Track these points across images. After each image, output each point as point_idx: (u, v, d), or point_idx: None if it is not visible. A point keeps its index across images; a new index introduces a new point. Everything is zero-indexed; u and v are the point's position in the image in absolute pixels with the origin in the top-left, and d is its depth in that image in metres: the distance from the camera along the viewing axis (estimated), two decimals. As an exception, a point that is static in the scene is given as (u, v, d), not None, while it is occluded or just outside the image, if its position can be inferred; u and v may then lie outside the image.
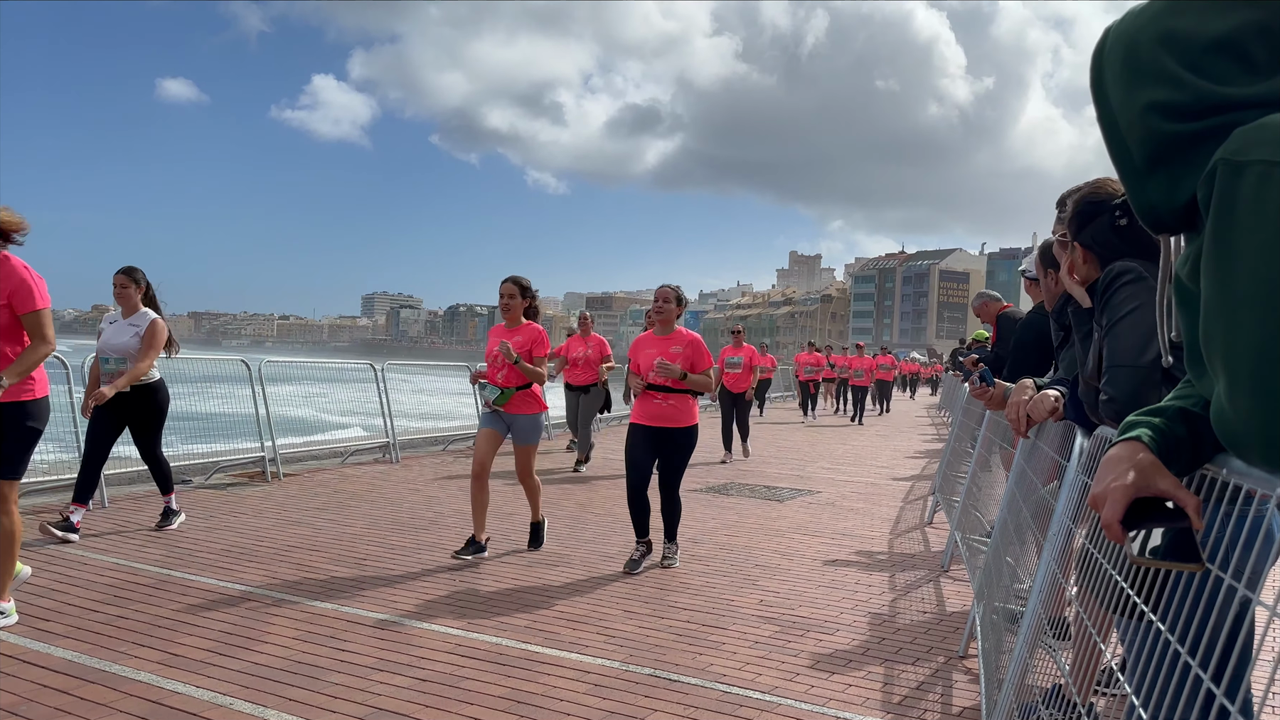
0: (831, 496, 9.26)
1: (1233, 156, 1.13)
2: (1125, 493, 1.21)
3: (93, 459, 6.26)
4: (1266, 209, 1.08)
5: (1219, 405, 1.21)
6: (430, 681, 3.70)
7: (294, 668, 3.80)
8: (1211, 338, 1.18)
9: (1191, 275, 1.25)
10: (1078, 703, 2.12)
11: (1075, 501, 2.48)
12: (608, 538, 6.70)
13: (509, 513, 7.51)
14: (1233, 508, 1.27)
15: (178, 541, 6.04)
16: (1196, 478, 1.32)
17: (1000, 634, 3.39)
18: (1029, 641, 2.63)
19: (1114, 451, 1.28)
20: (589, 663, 3.99)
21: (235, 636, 4.16)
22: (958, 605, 5.22)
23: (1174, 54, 1.24)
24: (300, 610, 4.61)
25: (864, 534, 7.28)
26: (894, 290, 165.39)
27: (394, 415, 11.18)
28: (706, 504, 8.44)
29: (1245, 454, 1.19)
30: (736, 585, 5.44)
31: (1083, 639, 2.45)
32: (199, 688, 3.54)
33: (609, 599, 5.03)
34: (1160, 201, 1.29)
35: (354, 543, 6.21)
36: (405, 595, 4.95)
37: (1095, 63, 1.36)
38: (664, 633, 4.46)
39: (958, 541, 6.07)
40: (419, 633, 4.32)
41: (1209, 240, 1.16)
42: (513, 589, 5.17)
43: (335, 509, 7.44)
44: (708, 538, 6.83)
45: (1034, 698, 2.61)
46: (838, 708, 3.59)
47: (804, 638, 4.47)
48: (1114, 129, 1.32)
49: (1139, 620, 1.57)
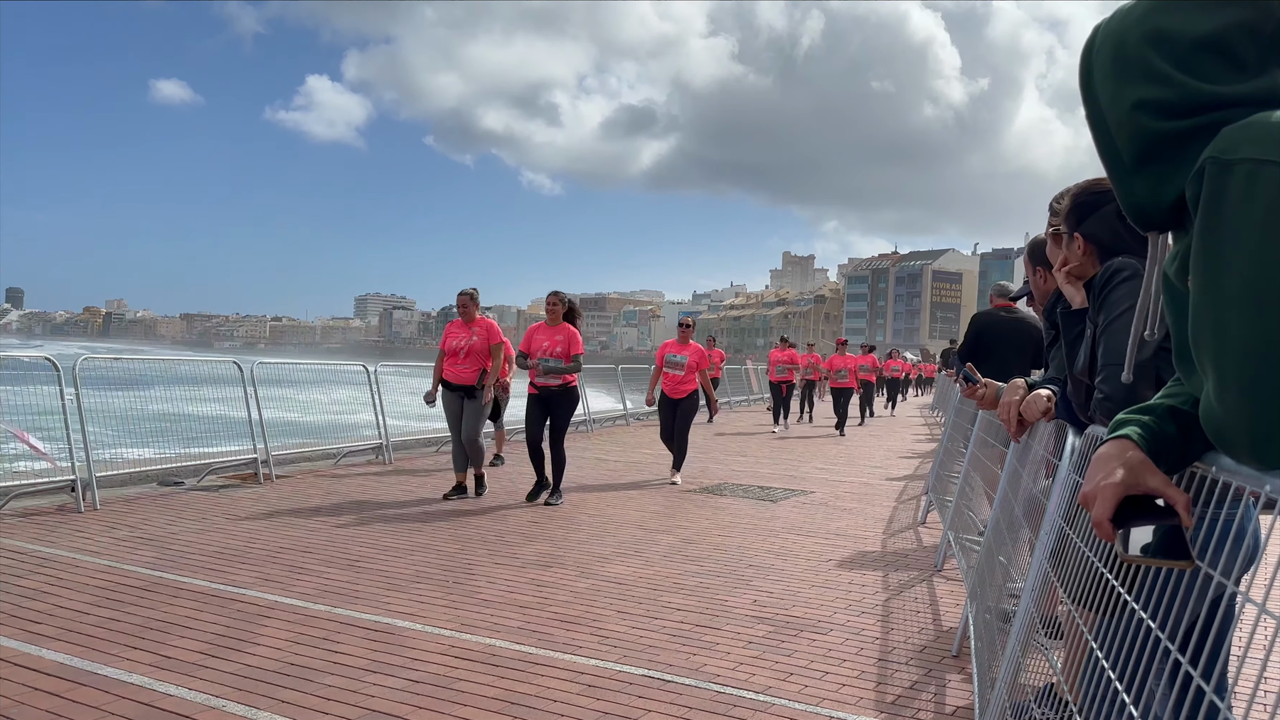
0: (825, 496, 9.27)
1: (1221, 155, 1.13)
2: (1115, 491, 1.22)
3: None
4: (1255, 207, 1.08)
5: (1207, 403, 1.21)
6: (423, 683, 3.69)
7: (287, 670, 3.79)
8: (1200, 336, 1.19)
9: (1180, 273, 1.26)
10: (1069, 701, 2.12)
11: (1067, 500, 2.48)
12: (600, 538, 6.70)
13: (503, 514, 7.51)
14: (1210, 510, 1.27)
15: (170, 544, 6.02)
16: (1186, 476, 1.32)
17: (993, 633, 3.40)
18: (1021, 640, 2.63)
19: (1104, 450, 1.29)
20: (582, 663, 3.99)
21: (228, 639, 4.15)
22: (951, 605, 5.23)
23: (1162, 52, 1.25)
24: (293, 612, 4.60)
25: (857, 534, 7.28)
26: (887, 291, 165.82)
27: (387, 416, 11.18)
28: (700, 504, 8.44)
29: (1234, 452, 1.19)
30: (730, 585, 5.44)
31: (1073, 637, 2.46)
32: (191, 690, 3.53)
33: (602, 600, 5.03)
34: (1148, 199, 1.30)
35: (347, 544, 6.20)
36: (398, 597, 4.94)
37: (1084, 61, 1.36)
38: (657, 633, 4.46)
39: (951, 541, 6.08)
40: (412, 634, 4.31)
41: (1197, 238, 1.16)
42: (505, 590, 5.16)
43: (328, 511, 7.42)
44: (701, 538, 6.83)
45: (1027, 697, 2.62)
46: (831, 707, 3.59)
47: (798, 638, 4.48)
48: (1102, 127, 1.33)
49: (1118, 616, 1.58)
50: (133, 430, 8.63)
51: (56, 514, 6.90)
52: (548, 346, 8.27)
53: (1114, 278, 2.46)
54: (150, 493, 7.99)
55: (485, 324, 8.69)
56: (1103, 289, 2.48)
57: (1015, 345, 6.27)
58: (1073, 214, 2.70)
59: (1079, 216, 2.68)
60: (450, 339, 8.62)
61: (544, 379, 8.19)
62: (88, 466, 7.18)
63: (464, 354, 8.43)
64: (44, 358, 7.63)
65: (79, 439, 7.18)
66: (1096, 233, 2.65)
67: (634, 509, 8.04)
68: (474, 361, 8.42)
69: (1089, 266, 2.70)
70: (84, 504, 7.09)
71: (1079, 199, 2.68)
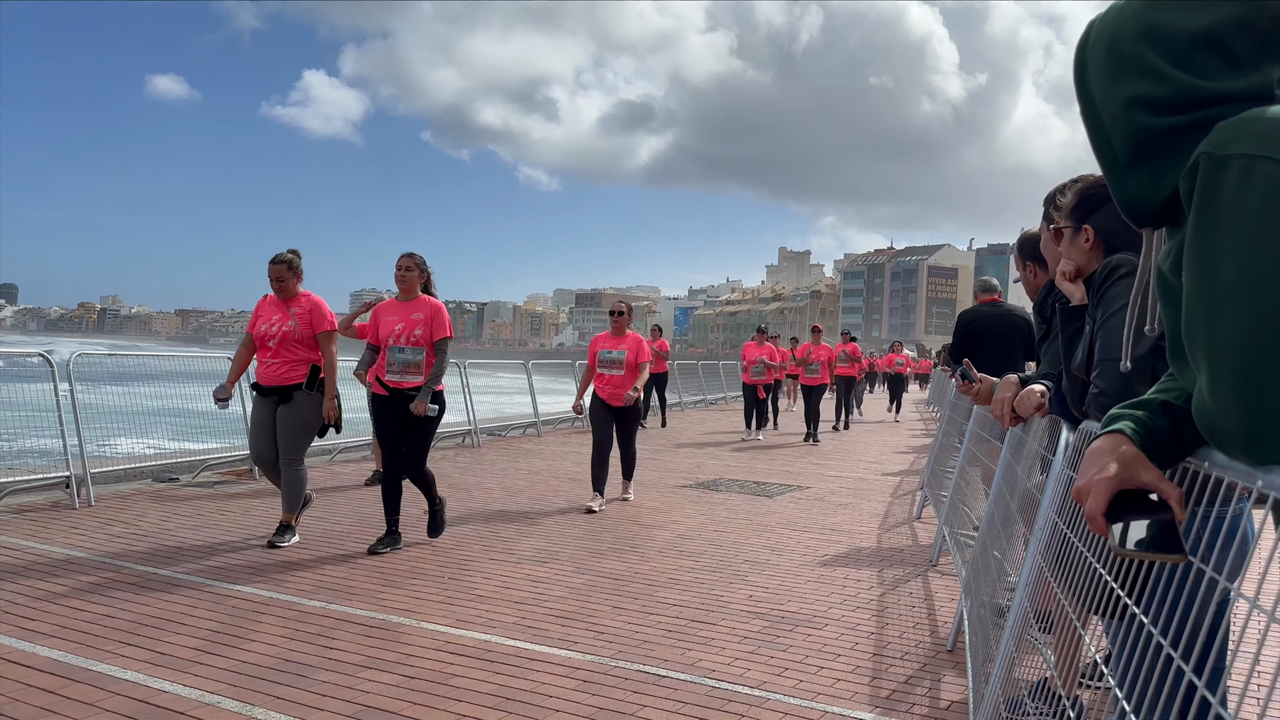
0: (820, 492, 9.29)
1: (1215, 151, 1.14)
2: (1108, 485, 1.22)
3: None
4: (1248, 203, 1.08)
5: (1200, 398, 1.22)
6: (419, 679, 3.69)
7: (282, 666, 3.79)
8: (1193, 331, 1.19)
9: (1174, 269, 1.26)
10: (1062, 696, 2.13)
11: (1061, 495, 2.49)
12: (596, 534, 6.70)
13: (497, 510, 7.51)
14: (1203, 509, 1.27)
15: (164, 540, 6.01)
16: (1179, 471, 1.32)
17: (988, 628, 3.40)
18: (1015, 635, 2.64)
19: (1097, 444, 1.29)
20: (578, 659, 3.99)
21: (223, 635, 4.15)
22: (946, 599, 5.24)
23: (1157, 48, 1.25)
24: (288, 608, 4.60)
25: (853, 529, 7.30)
26: (883, 286, 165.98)
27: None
28: (695, 500, 8.45)
29: (1226, 447, 1.19)
30: (725, 581, 5.44)
31: (1065, 633, 2.46)
32: (186, 686, 3.53)
33: (597, 595, 5.03)
34: (1142, 195, 1.30)
35: (342, 540, 6.19)
36: (393, 593, 4.94)
37: (1079, 56, 1.36)
38: (653, 628, 4.46)
39: (946, 536, 6.09)
40: (407, 630, 4.31)
41: (1191, 234, 1.16)
42: (501, 586, 5.16)
43: (322, 506, 7.41)
44: (696, 533, 6.83)
45: (1021, 691, 2.63)
46: (826, 702, 3.60)
47: (792, 633, 4.48)
48: (1097, 122, 1.33)
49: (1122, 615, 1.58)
50: (127, 427, 8.62)
51: (51, 510, 6.89)
52: (401, 330, 6.05)
53: (1113, 274, 2.46)
54: (145, 489, 7.98)
55: (311, 301, 6.18)
56: (1102, 284, 2.48)
57: (1005, 339, 6.30)
58: (1081, 207, 2.68)
59: (1089, 209, 2.66)
60: (260, 320, 6.16)
61: (398, 376, 6.04)
62: (82, 463, 7.17)
63: (275, 343, 6.05)
64: (39, 354, 7.61)
65: (74, 435, 7.17)
66: (1107, 225, 2.64)
67: (629, 505, 8.05)
68: (288, 354, 6.06)
69: (1094, 260, 2.68)
70: (79, 500, 7.08)
71: (1088, 192, 2.66)
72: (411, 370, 6.00)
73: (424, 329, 6.02)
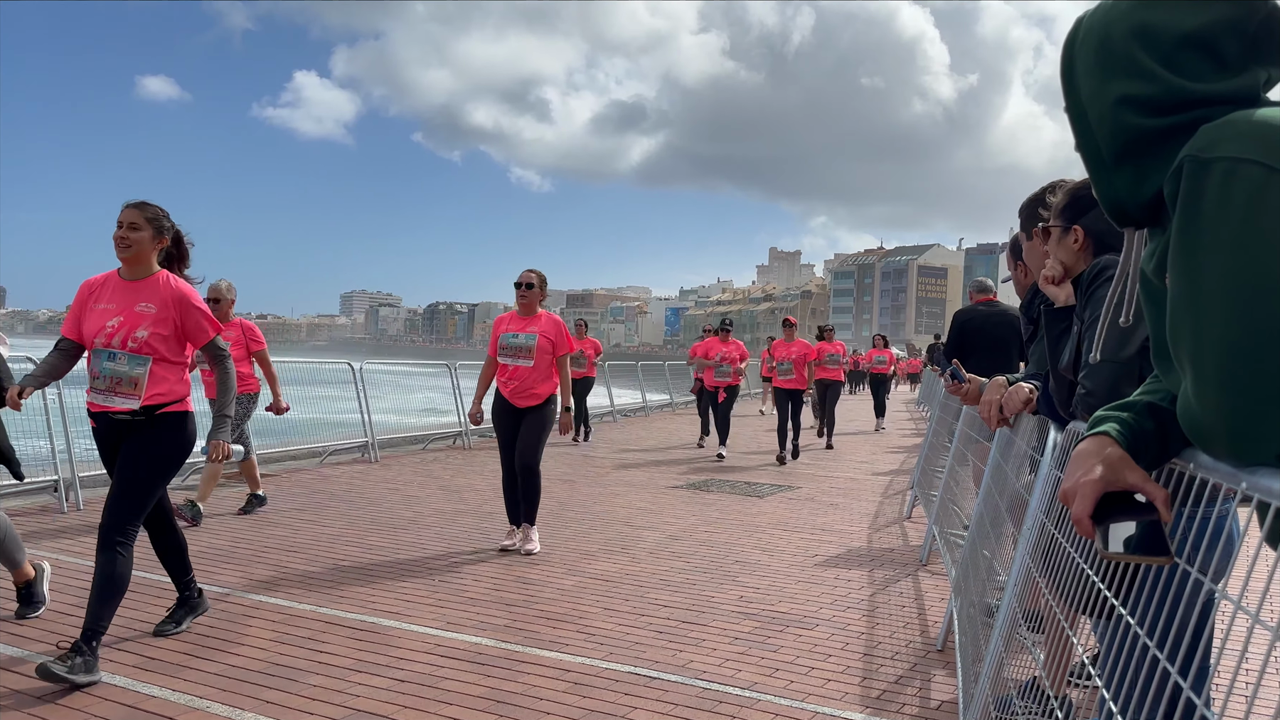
0: (811, 492, 9.29)
1: (1199, 153, 1.14)
2: (1094, 487, 1.22)
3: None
4: (1232, 205, 1.09)
5: (1185, 400, 1.22)
6: (409, 682, 3.68)
7: (271, 669, 3.77)
8: (1178, 333, 1.19)
9: (1157, 271, 1.26)
10: (1051, 695, 2.13)
11: (1049, 496, 2.50)
12: (587, 535, 6.70)
13: (489, 511, 7.49)
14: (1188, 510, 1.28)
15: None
16: (1164, 472, 1.33)
17: (977, 627, 3.41)
18: (1004, 635, 2.65)
19: (1083, 446, 1.29)
20: (569, 661, 3.99)
21: (212, 639, 4.13)
22: (936, 599, 5.25)
23: (1147, 48, 1.24)
24: (277, 612, 4.58)
25: (843, 529, 7.30)
26: (873, 286, 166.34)
27: (373, 414, 11.13)
28: (686, 500, 8.45)
29: (1211, 448, 1.20)
30: (716, 582, 5.44)
31: (1054, 632, 2.47)
32: (175, 690, 3.51)
33: (588, 597, 5.02)
34: (1126, 195, 1.30)
35: (332, 543, 6.18)
36: (383, 596, 4.92)
37: (1066, 53, 1.35)
38: (644, 630, 4.46)
39: (936, 536, 6.11)
40: (397, 633, 4.30)
41: (1175, 236, 1.17)
42: (491, 588, 5.15)
43: (313, 509, 7.39)
44: (687, 534, 6.83)
45: (1010, 690, 2.63)
46: (816, 703, 3.60)
47: (783, 633, 4.48)
48: (1083, 120, 1.33)
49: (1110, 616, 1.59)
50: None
51: (40, 514, 6.85)
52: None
53: (1100, 275, 2.46)
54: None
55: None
56: (1090, 285, 2.49)
57: (999, 338, 6.32)
58: (1071, 207, 2.67)
59: (1080, 209, 2.65)
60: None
61: None
62: (71, 467, 7.13)
63: None
64: (27, 357, 7.56)
65: (62, 439, 7.13)
66: (1097, 226, 2.63)
67: (620, 505, 8.04)
68: None
69: (1082, 261, 2.68)
70: (67, 504, 7.05)
71: (1079, 192, 2.65)
72: None
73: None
